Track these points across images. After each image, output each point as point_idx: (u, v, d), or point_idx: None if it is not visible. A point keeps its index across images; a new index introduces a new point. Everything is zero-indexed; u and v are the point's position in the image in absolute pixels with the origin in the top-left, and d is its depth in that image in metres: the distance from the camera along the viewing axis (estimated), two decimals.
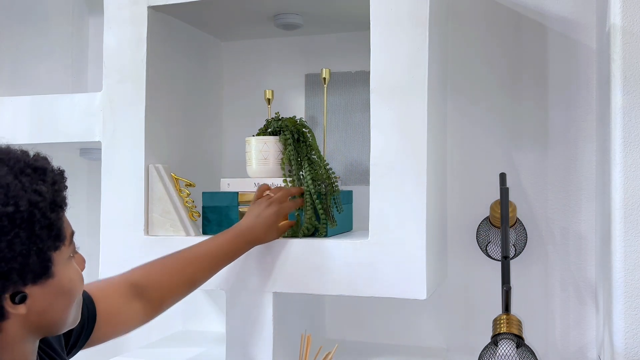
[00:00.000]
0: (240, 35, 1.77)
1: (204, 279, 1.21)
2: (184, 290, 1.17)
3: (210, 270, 1.20)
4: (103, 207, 1.48)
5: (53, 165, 0.84)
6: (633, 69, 1.21)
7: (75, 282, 0.84)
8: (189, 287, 1.18)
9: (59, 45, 1.90)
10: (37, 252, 0.76)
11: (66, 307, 0.84)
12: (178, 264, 1.17)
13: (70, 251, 0.84)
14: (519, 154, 1.57)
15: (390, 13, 1.28)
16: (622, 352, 1.20)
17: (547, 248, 1.55)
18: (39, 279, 0.78)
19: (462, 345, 1.61)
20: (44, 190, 0.77)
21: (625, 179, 1.21)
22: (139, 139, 1.45)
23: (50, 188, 0.79)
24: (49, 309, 0.81)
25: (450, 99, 1.61)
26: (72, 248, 0.85)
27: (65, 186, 0.84)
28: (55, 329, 0.85)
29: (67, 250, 0.83)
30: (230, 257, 1.23)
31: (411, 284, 1.25)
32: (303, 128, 1.44)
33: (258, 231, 1.25)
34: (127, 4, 1.47)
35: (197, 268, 1.18)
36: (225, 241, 1.22)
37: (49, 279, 0.79)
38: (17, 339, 0.80)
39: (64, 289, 0.82)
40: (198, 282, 1.19)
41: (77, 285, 0.85)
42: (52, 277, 0.80)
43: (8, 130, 1.61)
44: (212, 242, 1.22)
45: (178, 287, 1.16)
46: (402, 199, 1.26)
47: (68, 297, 0.83)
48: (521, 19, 1.57)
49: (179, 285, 1.16)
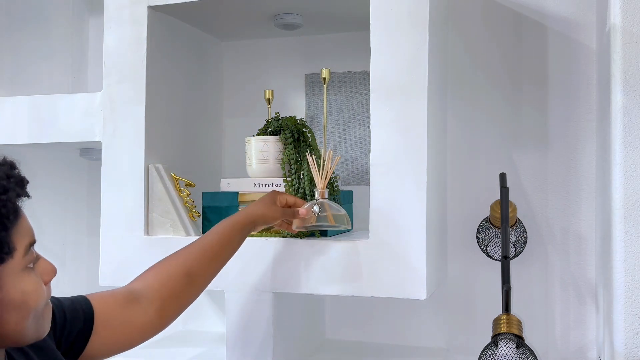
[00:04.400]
0: (240, 35, 1.77)
1: (202, 273, 1.14)
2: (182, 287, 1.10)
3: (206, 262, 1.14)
4: (103, 207, 1.48)
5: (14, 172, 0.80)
6: (633, 69, 1.21)
7: (30, 294, 0.79)
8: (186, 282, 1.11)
9: (59, 45, 1.90)
10: None
11: (21, 321, 0.79)
12: (170, 259, 1.13)
13: (27, 262, 0.79)
14: (519, 154, 1.57)
15: (390, 13, 1.28)
16: (622, 352, 1.20)
17: (547, 248, 1.55)
18: None
19: (462, 345, 1.61)
20: None
21: (625, 179, 1.21)
22: (139, 139, 1.45)
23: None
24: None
25: (450, 99, 1.61)
26: (29, 259, 0.80)
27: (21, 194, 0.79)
28: (12, 341, 0.80)
29: (21, 262, 0.78)
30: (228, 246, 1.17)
31: (411, 284, 1.25)
32: (303, 128, 1.44)
33: (255, 210, 1.21)
34: (127, 4, 1.47)
35: (192, 260, 1.12)
36: (219, 230, 1.17)
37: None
38: None
39: (13, 303, 0.77)
40: (195, 276, 1.12)
41: (32, 298, 0.79)
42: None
43: (8, 130, 1.61)
44: (206, 234, 1.18)
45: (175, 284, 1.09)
46: (402, 199, 1.26)
47: (20, 311, 0.78)
48: (521, 19, 1.57)
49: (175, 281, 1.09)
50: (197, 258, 1.13)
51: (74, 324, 0.97)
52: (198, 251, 1.14)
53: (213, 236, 1.17)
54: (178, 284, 1.10)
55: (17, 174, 0.79)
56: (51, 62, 1.88)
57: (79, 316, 0.98)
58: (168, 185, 1.45)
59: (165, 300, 1.08)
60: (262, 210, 1.23)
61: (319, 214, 1.26)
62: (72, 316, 0.97)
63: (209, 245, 1.15)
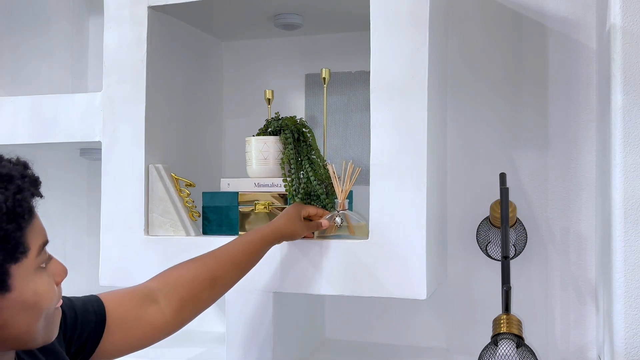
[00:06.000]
0: (240, 35, 1.77)
1: (226, 279, 1.14)
2: (203, 289, 1.10)
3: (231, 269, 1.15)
4: (103, 207, 1.48)
5: (28, 172, 0.79)
6: (633, 69, 1.21)
7: (42, 295, 0.78)
8: (210, 285, 1.11)
9: (59, 45, 1.90)
10: None
11: (32, 322, 0.78)
12: (194, 262, 1.13)
13: (40, 262, 0.79)
14: (519, 154, 1.57)
15: (390, 13, 1.28)
16: (622, 352, 1.20)
17: (547, 248, 1.55)
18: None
19: (462, 345, 1.61)
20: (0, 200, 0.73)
21: (625, 179, 1.21)
22: (139, 139, 1.45)
23: (12, 197, 0.74)
24: (10, 323, 0.76)
25: (450, 98, 1.61)
26: (42, 259, 0.79)
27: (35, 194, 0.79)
28: (22, 343, 0.79)
29: (34, 262, 0.77)
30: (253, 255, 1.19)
31: (411, 284, 1.25)
32: (303, 128, 1.44)
33: (281, 225, 1.24)
34: (127, 4, 1.47)
35: (216, 264, 1.12)
36: (246, 240, 1.19)
37: (7, 292, 0.74)
38: None
39: (26, 303, 0.76)
40: (219, 277, 1.12)
41: (44, 299, 0.79)
42: (9, 290, 0.75)
43: (8, 130, 1.61)
44: (233, 242, 1.20)
45: (196, 286, 1.09)
46: (402, 199, 1.26)
47: (32, 312, 0.77)
48: (521, 19, 1.57)
49: (198, 283, 1.09)
50: (223, 264, 1.14)
51: (85, 324, 0.97)
52: (225, 258, 1.15)
53: (240, 245, 1.19)
54: (200, 287, 1.10)
55: (31, 174, 0.80)
56: (51, 62, 1.88)
57: (90, 317, 0.97)
58: (168, 185, 1.45)
59: (185, 302, 1.08)
60: (290, 227, 1.25)
61: (340, 225, 1.31)
62: (83, 316, 0.97)
63: (235, 253, 1.17)
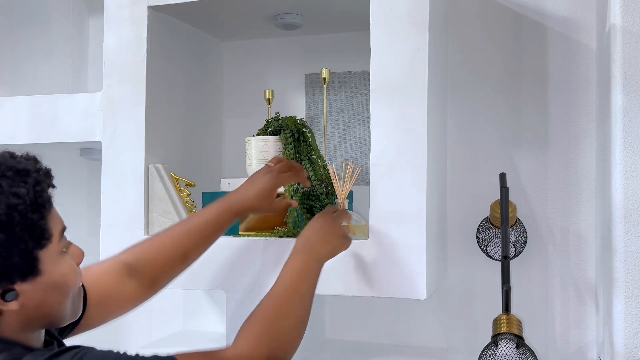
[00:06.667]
0: (240, 35, 1.77)
1: (196, 252, 1.20)
2: (176, 265, 1.17)
3: (202, 243, 1.19)
4: (103, 207, 1.48)
5: (40, 165, 0.86)
6: (633, 69, 1.21)
7: (68, 276, 0.87)
8: (182, 261, 1.17)
9: (59, 45, 1.90)
10: (20, 252, 0.79)
11: (61, 301, 0.87)
12: (169, 240, 1.17)
13: (62, 246, 0.86)
14: (519, 154, 1.57)
15: (390, 13, 1.28)
16: (622, 352, 1.20)
17: (547, 248, 1.55)
18: (26, 278, 0.81)
19: (462, 345, 1.61)
20: (23, 193, 0.79)
21: (625, 179, 1.21)
22: (139, 139, 1.45)
23: (32, 189, 0.81)
24: (42, 304, 0.84)
25: (450, 98, 1.61)
26: (63, 243, 0.87)
27: (50, 185, 0.85)
28: (53, 322, 0.88)
29: (57, 247, 0.85)
30: (221, 228, 1.21)
31: (411, 284, 1.25)
32: (303, 128, 1.44)
33: (249, 200, 1.22)
34: (127, 4, 1.47)
35: (189, 241, 1.17)
36: (215, 212, 1.20)
37: (38, 276, 0.82)
38: (15, 333, 0.84)
39: (55, 284, 0.85)
40: (190, 255, 1.19)
41: (70, 279, 0.87)
42: (40, 274, 0.82)
43: (8, 130, 1.61)
44: (202, 215, 1.20)
45: (170, 262, 1.16)
46: (402, 199, 1.26)
47: (61, 292, 0.86)
48: (521, 19, 1.57)
49: (171, 259, 1.16)
50: (194, 239, 1.18)
51: None
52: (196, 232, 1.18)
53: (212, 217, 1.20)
54: (174, 264, 1.17)
55: (44, 167, 0.86)
56: (51, 62, 1.88)
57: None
58: (168, 185, 1.45)
59: (159, 275, 1.15)
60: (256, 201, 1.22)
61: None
62: None
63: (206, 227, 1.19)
